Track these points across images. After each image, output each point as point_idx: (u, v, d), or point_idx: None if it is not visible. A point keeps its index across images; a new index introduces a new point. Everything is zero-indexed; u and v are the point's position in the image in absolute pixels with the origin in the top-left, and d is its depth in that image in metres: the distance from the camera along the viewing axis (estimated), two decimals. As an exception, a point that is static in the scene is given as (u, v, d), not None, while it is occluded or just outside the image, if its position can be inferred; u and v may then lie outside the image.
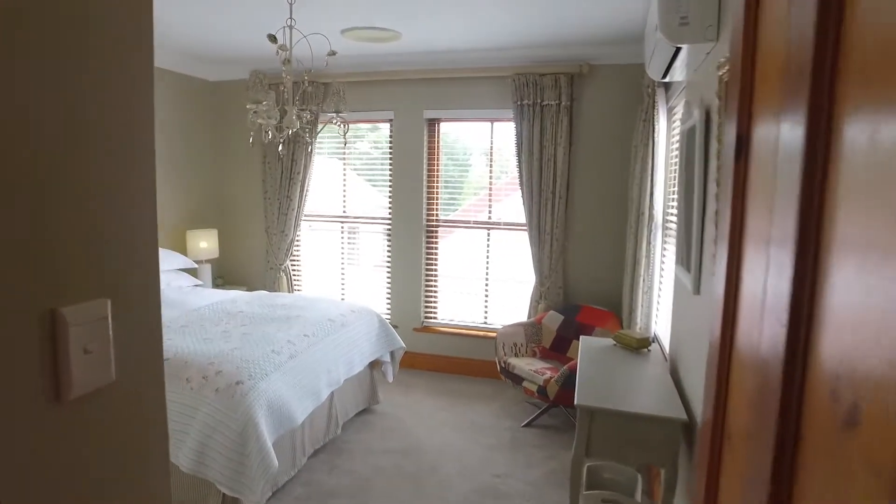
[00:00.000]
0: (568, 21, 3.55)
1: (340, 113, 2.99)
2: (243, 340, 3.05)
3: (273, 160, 5.01)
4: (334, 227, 5.28)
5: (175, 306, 3.70)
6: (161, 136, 4.70)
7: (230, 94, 5.12)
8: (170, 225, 4.88)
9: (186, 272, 4.64)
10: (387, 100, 4.85)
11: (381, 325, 4.01)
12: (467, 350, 4.86)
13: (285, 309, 3.73)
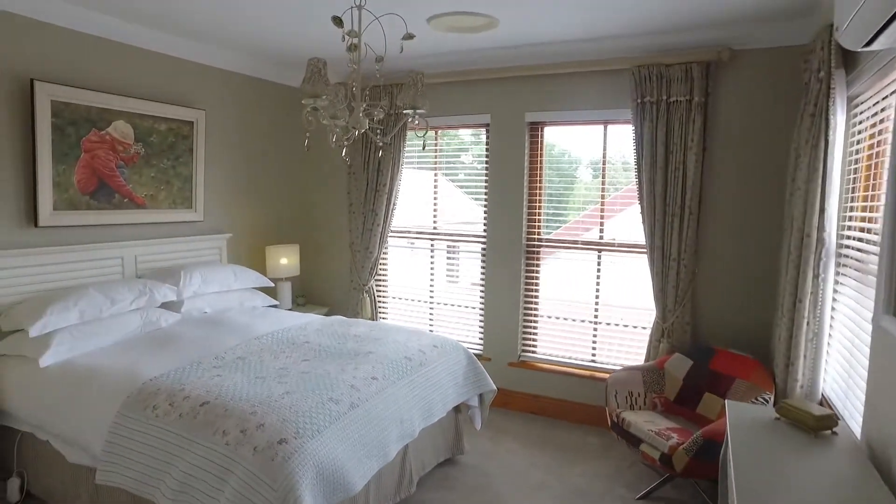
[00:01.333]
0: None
1: (419, 110, 2.45)
2: (299, 382, 2.57)
3: (359, 170, 4.61)
4: (423, 244, 4.78)
5: (237, 332, 3.34)
6: (243, 147, 4.45)
7: (318, 102, 4.79)
8: (249, 240, 4.61)
9: (263, 291, 4.32)
10: (482, 102, 4.28)
11: (470, 364, 3.41)
12: (571, 391, 4.13)
13: (357, 341, 3.24)
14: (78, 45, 3.32)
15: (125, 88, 3.57)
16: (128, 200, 3.64)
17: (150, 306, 3.38)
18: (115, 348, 3.03)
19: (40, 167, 3.15)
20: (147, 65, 3.71)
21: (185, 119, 3.88)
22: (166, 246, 3.88)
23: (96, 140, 3.41)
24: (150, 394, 2.45)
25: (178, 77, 3.91)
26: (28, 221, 3.18)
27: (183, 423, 2.26)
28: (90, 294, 3.12)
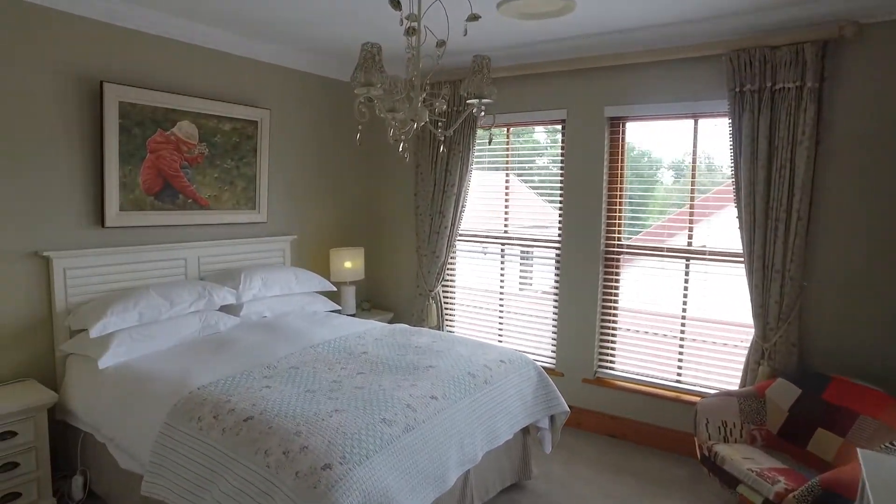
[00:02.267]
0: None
1: (485, 99, 2.19)
2: (351, 399, 2.37)
3: (426, 171, 4.41)
4: (493, 249, 4.51)
5: (294, 339, 3.19)
6: (307, 147, 4.35)
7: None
8: (313, 242, 4.51)
9: (326, 295, 4.20)
10: (557, 96, 3.96)
11: (541, 381, 3.10)
12: (653, 414, 3.73)
13: (418, 353, 3.02)
14: (144, 46, 3.31)
15: (190, 88, 3.54)
16: (191, 201, 3.60)
17: (208, 309, 3.31)
18: (171, 352, 2.97)
19: (107, 168, 3.14)
20: (212, 64, 3.66)
21: (249, 119, 3.82)
22: (229, 247, 3.82)
23: (161, 140, 3.39)
24: (197, 404, 2.33)
25: (243, 76, 3.85)
26: (95, 222, 3.18)
27: (226, 438, 2.11)
28: (150, 296, 3.08)
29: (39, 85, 2.92)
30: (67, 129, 3.04)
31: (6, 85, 2.81)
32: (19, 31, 2.83)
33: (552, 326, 4.17)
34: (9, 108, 2.83)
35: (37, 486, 2.76)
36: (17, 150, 2.87)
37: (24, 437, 2.70)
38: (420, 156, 4.43)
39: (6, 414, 2.62)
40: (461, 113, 4.13)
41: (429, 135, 4.34)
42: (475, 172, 4.37)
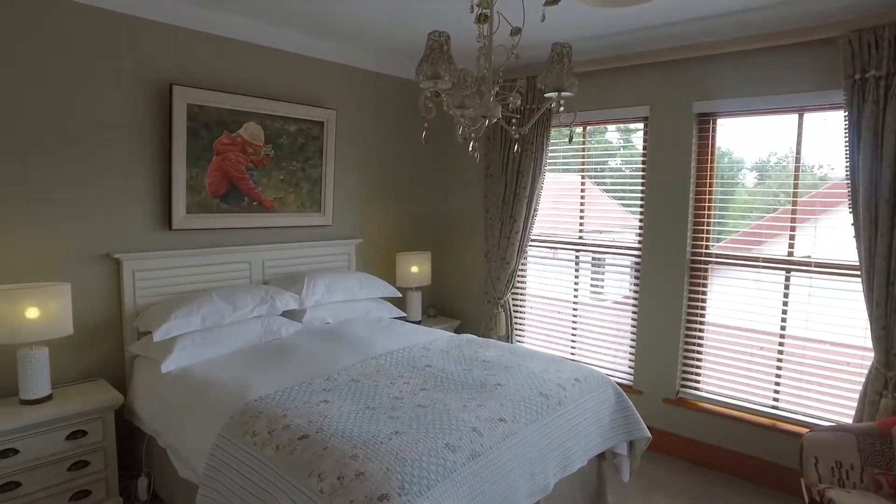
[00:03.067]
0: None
1: (565, 92, 1.95)
2: (412, 419, 2.19)
3: (496, 172, 4.19)
4: (567, 255, 4.24)
5: (356, 348, 3.05)
6: (373, 148, 4.24)
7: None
8: (379, 246, 4.39)
9: (391, 301, 4.06)
10: (639, 91, 3.65)
11: (619, 403, 2.82)
12: (745, 442, 3.35)
13: (485, 369, 2.81)
14: (212, 48, 3.28)
15: (256, 89, 3.49)
16: (257, 204, 3.55)
17: (271, 314, 3.23)
18: (232, 358, 2.90)
19: (175, 170, 3.13)
20: (278, 64, 3.61)
21: (315, 119, 3.74)
22: (294, 251, 3.76)
23: (228, 142, 3.35)
24: (252, 417, 2.22)
25: (309, 76, 3.78)
26: (163, 225, 3.18)
27: (279, 457, 1.98)
28: (213, 300, 3.03)
29: (113, 90, 2.93)
30: (139, 132, 3.04)
31: (82, 91, 2.83)
32: (94, 37, 2.85)
33: (630, 340, 3.85)
34: (85, 114, 2.85)
35: (105, 484, 2.77)
36: (93, 153, 2.90)
37: (93, 436, 2.71)
38: (490, 156, 4.22)
39: (77, 413, 2.64)
40: (536, 110, 3.89)
41: (500, 134, 4.13)
42: (548, 175, 4.11)
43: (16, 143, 2.67)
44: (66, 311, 2.70)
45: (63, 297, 2.68)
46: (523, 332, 4.49)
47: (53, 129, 2.77)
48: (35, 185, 2.74)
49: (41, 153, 2.75)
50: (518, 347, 3.22)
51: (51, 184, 2.79)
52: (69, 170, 2.84)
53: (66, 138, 2.81)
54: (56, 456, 2.60)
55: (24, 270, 2.74)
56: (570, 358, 4.14)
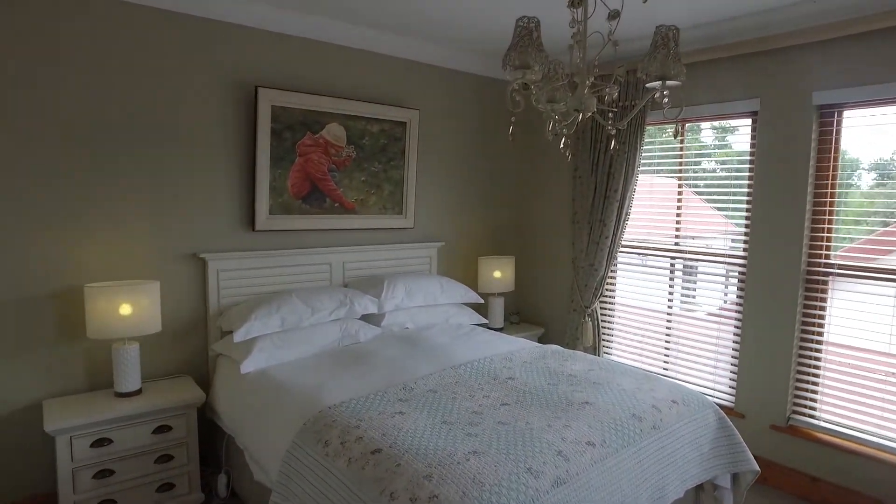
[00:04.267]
0: None
1: (670, 81, 1.73)
2: (492, 437, 2.03)
3: (585, 173, 3.95)
4: (659, 263, 3.92)
5: (435, 356, 2.93)
6: (457, 149, 4.12)
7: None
8: (461, 249, 4.27)
9: (472, 307, 3.92)
10: (747, 83, 3.29)
11: (722, 430, 2.53)
12: (873, 483, 2.92)
13: (572, 384, 2.60)
14: (295, 50, 3.28)
15: (339, 90, 3.47)
16: (338, 205, 3.52)
17: (349, 318, 3.19)
18: (309, 361, 2.87)
19: (259, 172, 3.16)
20: (361, 64, 3.57)
21: (397, 120, 3.67)
22: (374, 253, 3.71)
23: (310, 144, 3.34)
24: (326, 425, 2.15)
25: (392, 76, 3.72)
26: (246, 225, 3.21)
27: (351, 471, 1.89)
28: (293, 301, 3.02)
29: (202, 94, 2.99)
30: (225, 135, 3.09)
31: (173, 97, 2.91)
32: (184, 43, 2.91)
33: (731, 357, 3.49)
34: (177, 119, 2.92)
35: (188, 479, 2.82)
36: (184, 156, 2.97)
37: (177, 431, 2.76)
38: (579, 156, 3.99)
39: (164, 409, 2.69)
40: (632, 106, 3.62)
41: (589, 132, 3.89)
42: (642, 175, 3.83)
43: (111, 147, 2.77)
44: (155, 308, 2.77)
45: (153, 294, 2.75)
46: (611, 343, 4.21)
47: (147, 135, 2.86)
48: (130, 187, 2.84)
49: (135, 157, 2.84)
50: (607, 361, 2.98)
51: (143, 186, 2.87)
52: (160, 172, 2.92)
53: (158, 143, 2.89)
54: (144, 448, 2.67)
55: (118, 269, 2.84)
56: (663, 374, 3.83)
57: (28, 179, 2.58)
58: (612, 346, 4.20)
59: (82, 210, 2.72)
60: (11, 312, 2.60)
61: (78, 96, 2.67)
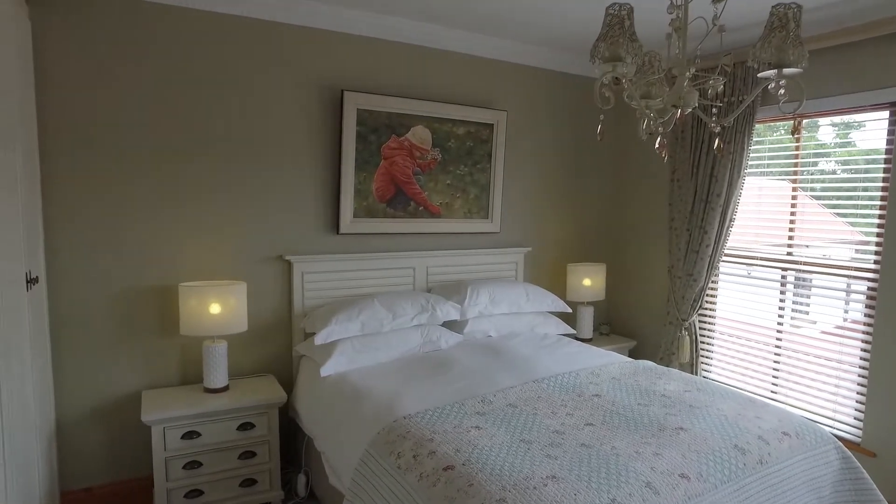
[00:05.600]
0: None
1: (789, 68, 1.50)
2: (573, 461, 1.87)
3: (684, 176, 3.66)
4: (771, 275, 3.55)
5: (517, 368, 2.79)
6: (545, 150, 3.96)
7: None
8: (549, 256, 4.09)
9: (559, 316, 3.74)
10: (882, 71, 2.89)
11: (846, 470, 2.21)
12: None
13: (665, 406, 2.37)
14: (380, 52, 3.28)
15: (424, 92, 3.42)
16: (423, 209, 3.48)
17: (431, 324, 3.12)
18: (388, 367, 2.82)
19: (344, 176, 3.17)
20: (446, 66, 3.51)
21: (484, 122, 3.57)
22: (459, 258, 3.63)
23: (395, 147, 3.32)
24: (399, 436, 2.08)
25: (478, 77, 3.63)
26: (331, 228, 3.24)
27: (421, 487, 1.80)
28: (374, 306, 3.00)
29: (289, 99, 3.05)
30: (311, 139, 3.13)
31: (265, 103, 2.99)
32: (275, 52, 2.98)
33: (857, 383, 3.08)
34: (267, 123, 2.99)
35: (269, 476, 2.87)
36: (273, 160, 3.04)
37: (260, 429, 2.81)
38: (677, 157, 3.70)
39: (248, 407, 2.75)
40: (741, 100, 3.30)
41: (690, 131, 3.60)
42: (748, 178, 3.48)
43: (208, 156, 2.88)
44: (242, 308, 2.84)
45: (240, 295, 2.83)
46: (710, 362, 3.87)
47: (239, 144, 2.94)
48: (220, 190, 2.94)
49: (226, 163, 2.93)
50: (705, 382, 2.71)
51: (235, 191, 2.97)
52: (250, 177, 3.00)
53: (250, 149, 2.97)
54: (229, 443, 2.74)
55: (211, 269, 2.95)
56: (771, 399, 3.45)
57: (141, 190, 2.74)
58: (712, 365, 3.86)
59: (181, 213, 2.85)
60: (123, 305, 2.77)
61: (183, 113, 2.80)
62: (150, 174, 2.77)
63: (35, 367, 2.29)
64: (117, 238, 2.73)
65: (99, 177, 2.66)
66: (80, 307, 2.69)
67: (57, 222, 2.60)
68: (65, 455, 2.71)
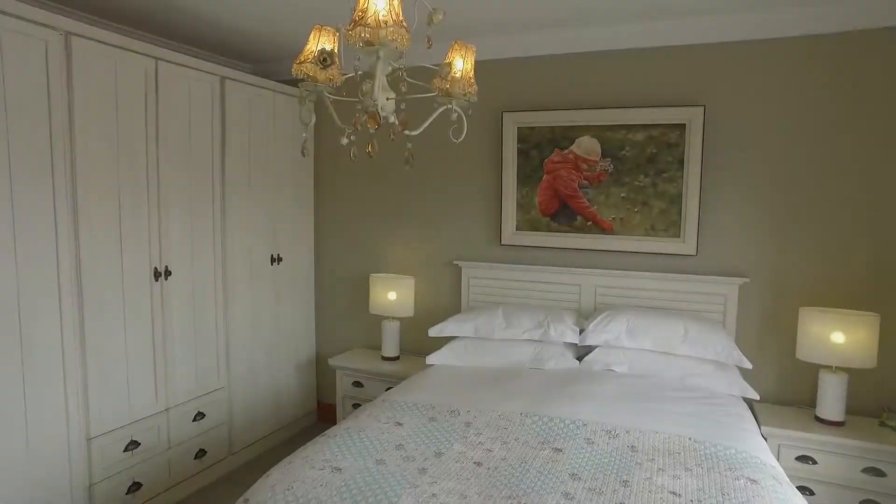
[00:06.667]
0: None
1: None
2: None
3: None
4: None
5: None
6: (771, 147, 2.95)
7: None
8: (775, 292, 2.95)
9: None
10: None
11: None
12: None
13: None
14: (540, 68, 3.29)
15: (590, 100, 3.20)
16: (591, 224, 3.25)
17: (544, 341, 3.01)
18: (485, 374, 2.89)
19: (505, 190, 3.41)
20: (616, 67, 3.14)
21: (670, 122, 3.01)
22: (636, 281, 3.17)
23: (558, 160, 3.28)
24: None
25: (660, 71, 3.05)
26: (495, 239, 3.52)
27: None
28: (494, 313, 3.17)
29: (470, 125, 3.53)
30: (477, 157, 3.51)
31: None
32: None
33: None
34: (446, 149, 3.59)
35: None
36: (447, 178, 3.62)
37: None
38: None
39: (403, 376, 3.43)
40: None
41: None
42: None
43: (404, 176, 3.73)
44: (409, 297, 3.59)
45: (409, 287, 3.59)
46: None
47: (426, 164, 3.65)
48: (413, 204, 3.73)
49: (421, 184, 3.70)
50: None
51: (420, 206, 3.70)
52: (432, 193, 3.67)
53: (429, 169, 3.64)
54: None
55: (403, 266, 3.80)
56: None
57: (368, 204, 3.90)
58: None
59: (388, 223, 3.83)
60: (348, 287, 4.00)
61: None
62: (374, 197, 3.86)
63: (297, 316, 3.82)
64: (354, 237, 3.94)
65: (346, 198, 3.94)
66: (329, 281, 4.05)
67: (321, 224, 4.02)
68: (319, 377, 4.13)
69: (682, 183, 3.05)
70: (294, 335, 3.85)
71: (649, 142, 3.09)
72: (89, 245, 2.50)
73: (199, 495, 3.10)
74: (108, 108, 2.55)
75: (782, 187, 2.92)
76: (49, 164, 2.33)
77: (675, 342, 2.79)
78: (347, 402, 3.66)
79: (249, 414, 3.48)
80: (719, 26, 2.92)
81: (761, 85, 2.92)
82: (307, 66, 1.59)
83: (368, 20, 1.24)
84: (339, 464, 1.93)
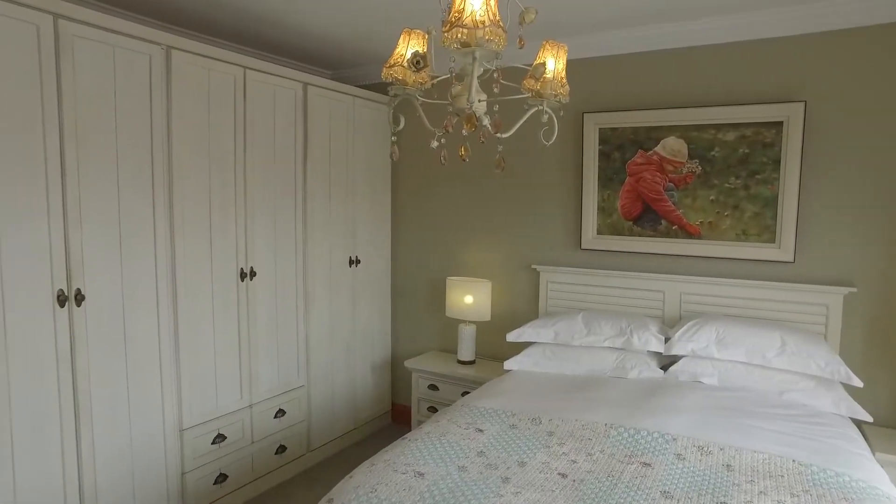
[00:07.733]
0: None
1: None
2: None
3: None
4: None
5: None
6: (884, 145, 2.71)
7: None
8: (886, 302, 2.68)
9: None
10: None
11: None
12: None
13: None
14: (623, 68, 3.17)
15: (676, 99, 3.05)
16: (677, 228, 3.11)
17: (627, 349, 2.90)
18: (565, 382, 2.83)
19: (586, 193, 3.31)
20: (705, 63, 2.98)
21: (765, 121, 2.83)
22: (726, 289, 3.00)
23: (642, 162, 3.15)
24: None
25: (754, 66, 2.87)
26: (574, 243, 3.43)
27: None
28: (574, 319, 3.08)
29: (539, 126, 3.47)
30: (557, 160, 3.44)
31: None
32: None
33: None
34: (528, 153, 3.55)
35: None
36: (527, 182, 3.57)
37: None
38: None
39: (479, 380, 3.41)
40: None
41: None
42: None
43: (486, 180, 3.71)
44: (486, 301, 3.56)
45: (486, 291, 3.56)
46: None
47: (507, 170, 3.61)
48: (490, 207, 3.70)
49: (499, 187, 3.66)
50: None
51: (502, 211, 3.66)
52: (510, 196, 3.62)
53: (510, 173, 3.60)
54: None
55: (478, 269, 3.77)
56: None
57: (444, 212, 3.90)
58: None
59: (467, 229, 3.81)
60: (423, 290, 4.01)
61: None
62: (451, 200, 3.86)
63: (373, 317, 3.88)
64: (430, 240, 3.95)
65: (422, 201, 3.96)
66: (406, 284, 4.07)
67: (398, 226, 4.05)
68: (394, 378, 4.16)
69: (777, 185, 2.86)
70: (370, 336, 3.90)
71: (741, 141, 2.92)
72: (182, 246, 2.63)
73: (279, 489, 3.19)
74: (200, 117, 2.67)
75: (882, 188, 2.69)
76: (150, 171, 2.47)
77: (770, 354, 2.61)
78: (423, 405, 3.67)
79: (327, 412, 3.56)
80: (817, 15, 2.72)
81: (868, 77, 2.70)
82: (397, 70, 1.59)
83: (465, 21, 1.22)
84: (421, 469, 1.93)
